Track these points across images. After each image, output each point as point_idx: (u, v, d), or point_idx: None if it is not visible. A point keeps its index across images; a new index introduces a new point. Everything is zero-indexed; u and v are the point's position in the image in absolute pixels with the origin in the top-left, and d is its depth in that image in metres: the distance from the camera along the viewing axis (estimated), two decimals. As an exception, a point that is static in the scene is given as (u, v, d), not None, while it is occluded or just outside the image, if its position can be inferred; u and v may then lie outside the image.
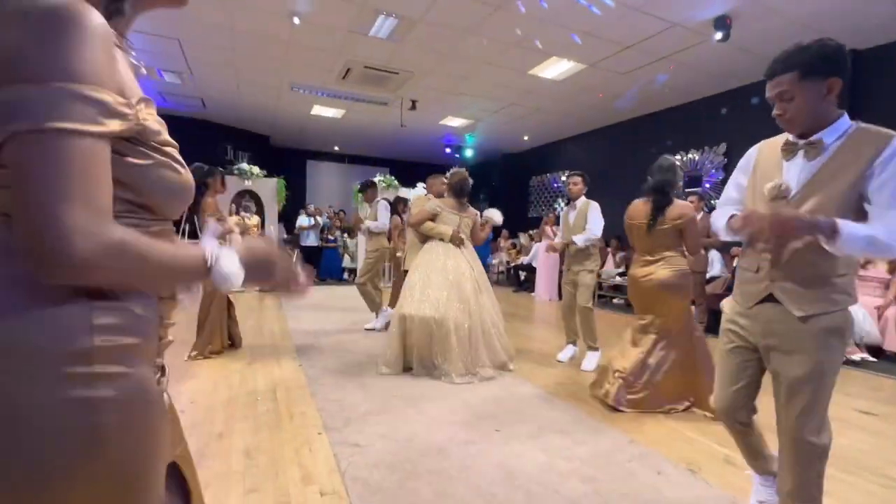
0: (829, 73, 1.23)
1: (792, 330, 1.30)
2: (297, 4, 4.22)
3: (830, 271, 1.27)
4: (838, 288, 1.27)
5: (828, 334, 1.26)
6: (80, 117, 0.49)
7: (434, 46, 5.10)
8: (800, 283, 1.29)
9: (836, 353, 1.29)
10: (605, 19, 4.33)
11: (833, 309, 1.26)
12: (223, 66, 5.84)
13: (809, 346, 1.28)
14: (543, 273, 7.46)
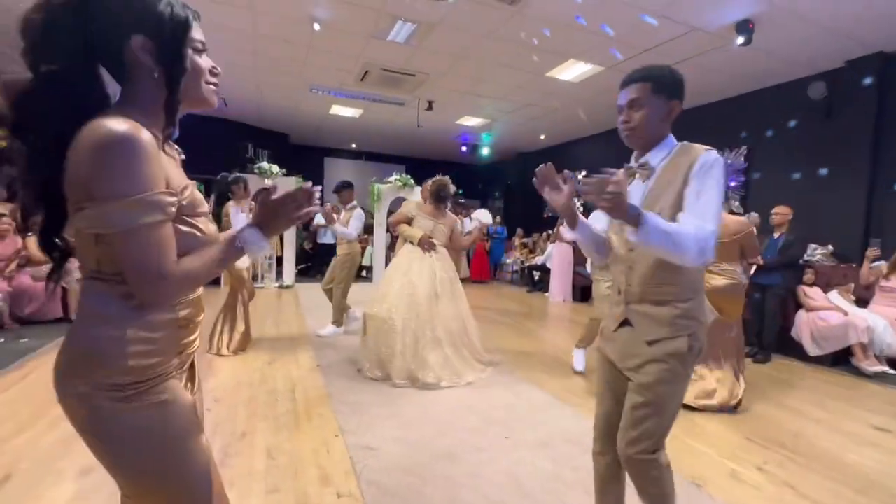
0: (674, 95, 1.30)
1: (640, 354, 1.29)
2: (318, 11, 4.31)
3: (676, 295, 1.27)
4: (684, 312, 1.26)
5: (670, 359, 1.25)
6: (146, 215, 0.74)
7: (451, 50, 5.14)
8: (650, 306, 1.29)
9: (677, 378, 1.27)
10: (624, 24, 4.30)
11: (678, 333, 1.25)
12: (245, 68, 5.98)
13: (652, 369, 1.27)
14: (557, 274, 7.46)
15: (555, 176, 1.35)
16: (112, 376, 0.77)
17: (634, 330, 1.32)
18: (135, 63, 0.79)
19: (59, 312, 4.53)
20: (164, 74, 0.80)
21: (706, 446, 2.43)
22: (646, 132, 1.31)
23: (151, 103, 0.81)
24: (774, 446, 2.47)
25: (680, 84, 1.31)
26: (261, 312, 5.38)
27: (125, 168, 0.71)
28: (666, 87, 1.29)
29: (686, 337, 1.25)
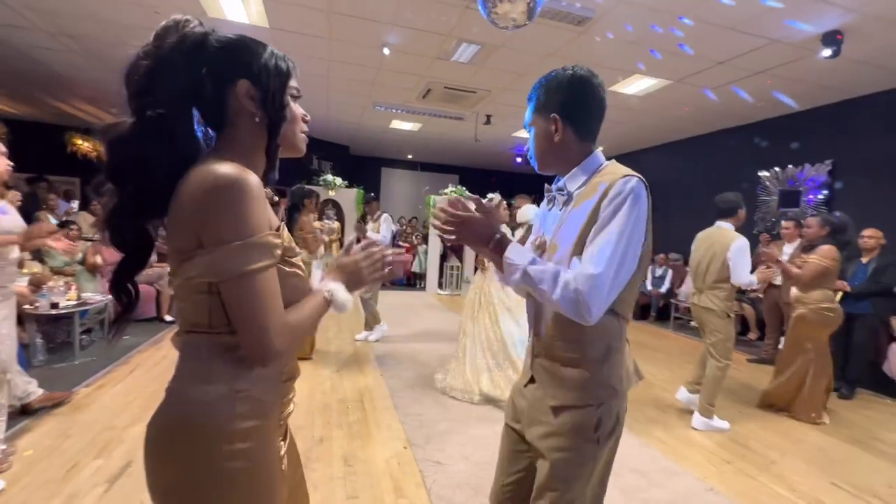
0: (554, 108, 1.05)
1: (545, 422, 1.07)
2: (389, 38, 4.55)
3: (584, 352, 1.03)
4: (594, 376, 1.02)
5: (575, 436, 1.02)
6: (259, 259, 0.72)
7: (513, 69, 5.22)
8: (558, 363, 1.06)
9: (585, 460, 1.03)
10: (694, 39, 4.18)
11: (586, 402, 1.02)
12: (318, 88, 6.40)
13: (557, 443, 1.04)
14: (615, 290, 7.28)
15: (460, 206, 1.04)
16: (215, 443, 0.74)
17: (539, 389, 1.10)
18: (237, 108, 0.80)
19: (153, 312, 5.08)
20: (266, 120, 0.81)
21: (783, 488, 2.33)
22: (539, 157, 1.12)
23: (251, 148, 0.82)
24: (864, 494, 2.32)
25: (564, 92, 1.06)
26: (326, 322, 5.71)
27: (236, 212, 0.70)
28: (543, 103, 1.08)
29: (595, 408, 1.02)
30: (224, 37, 0.82)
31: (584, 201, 1.02)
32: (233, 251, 0.70)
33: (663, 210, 8.42)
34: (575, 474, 1.03)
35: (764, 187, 6.43)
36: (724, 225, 3.11)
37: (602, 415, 1.03)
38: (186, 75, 0.76)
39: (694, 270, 3.19)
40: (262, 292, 0.72)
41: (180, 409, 0.76)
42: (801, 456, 2.70)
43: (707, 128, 7.18)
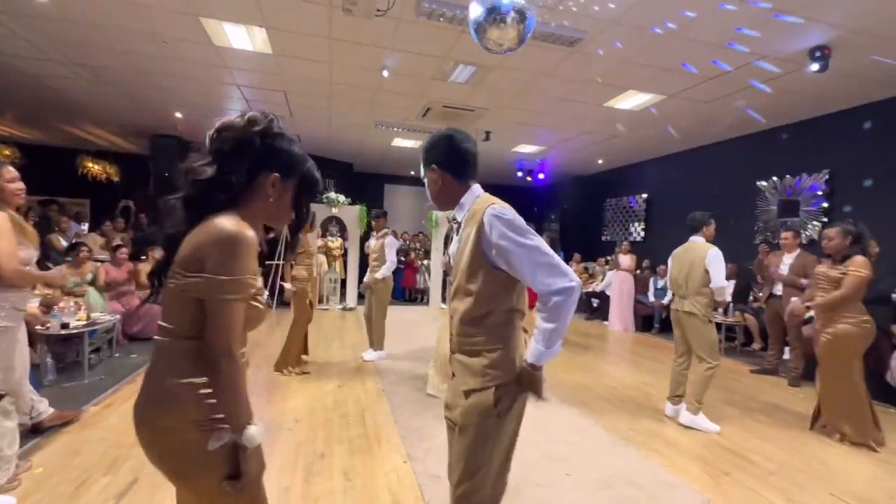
0: (435, 162, 1.40)
1: (459, 404, 1.31)
2: (387, 61, 4.72)
3: (483, 344, 1.29)
4: (492, 362, 1.27)
5: (482, 411, 1.26)
6: (235, 293, 0.98)
7: (509, 88, 5.36)
8: (465, 355, 1.33)
9: (492, 432, 1.27)
10: (687, 55, 4.30)
11: (488, 384, 1.27)
12: (320, 110, 6.58)
13: (468, 422, 1.28)
14: (617, 302, 7.30)
15: None
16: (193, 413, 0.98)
17: (456, 379, 1.36)
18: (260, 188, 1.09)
19: (160, 331, 5.16)
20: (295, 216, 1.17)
21: (785, 501, 2.33)
22: (435, 199, 1.45)
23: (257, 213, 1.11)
24: (863, 505, 2.32)
25: (437, 149, 1.41)
26: (326, 334, 5.78)
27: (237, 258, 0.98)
28: (426, 160, 1.42)
29: (493, 389, 1.26)
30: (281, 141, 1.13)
31: (466, 229, 1.33)
32: (220, 282, 0.97)
33: (663, 222, 8.49)
34: (482, 445, 1.27)
35: (763, 197, 6.49)
36: (697, 239, 3.37)
37: (501, 395, 1.27)
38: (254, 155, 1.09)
39: (674, 281, 3.39)
40: (230, 315, 0.99)
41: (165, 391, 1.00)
42: (801, 467, 2.70)
43: (704, 140, 7.27)
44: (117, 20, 4.06)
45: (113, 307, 4.80)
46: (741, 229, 6.60)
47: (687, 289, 3.27)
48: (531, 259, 1.22)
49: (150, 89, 5.87)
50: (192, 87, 5.82)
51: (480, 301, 1.29)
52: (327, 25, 3.99)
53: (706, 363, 3.19)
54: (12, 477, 2.16)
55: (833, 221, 5.51)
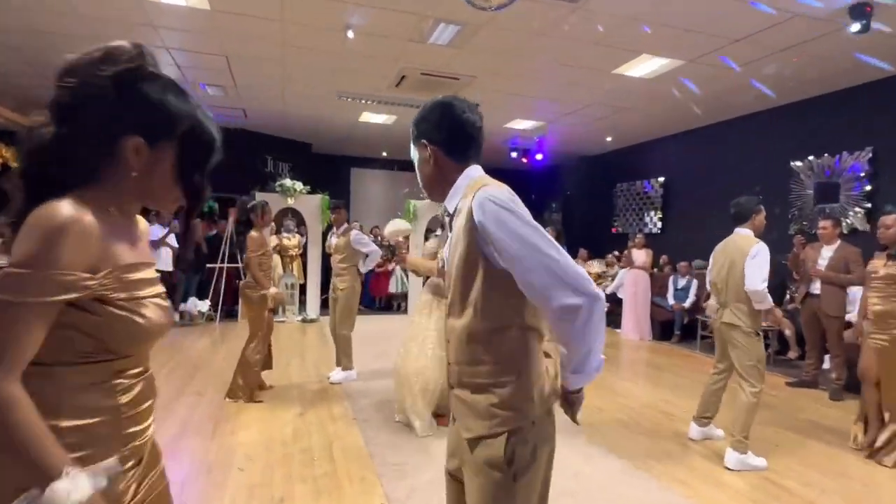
0: (427, 137, 1.29)
1: (464, 456, 1.20)
2: (352, 19, 4.68)
3: (489, 375, 1.15)
4: (503, 400, 1.13)
5: (490, 468, 1.12)
6: (23, 292, 0.77)
7: (500, 50, 5.38)
8: (467, 390, 1.18)
9: (499, 495, 1.12)
10: (708, 12, 4.38)
11: (496, 431, 1.12)
12: (270, 78, 6.50)
13: (472, 480, 1.16)
14: (631, 305, 7.42)
15: None
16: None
17: (456, 422, 1.23)
18: (123, 160, 0.90)
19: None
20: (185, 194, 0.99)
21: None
22: (425, 184, 1.35)
23: (125, 192, 0.94)
24: None
25: (430, 121, 1.30)
26: (285, 351, 5.72)
27: (43, 245, 0.79)
28: (416, 134, 1.33)
29: (507, 437, 1.12)
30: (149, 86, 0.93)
31: (459, 218, 1.21)
32: (7, 275, 0.80)
33: (682, 210, 8.66)
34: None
35: (797, 180, 6.67)
36: (743, 232, 3.30)
37: (516, 445, 1.12)
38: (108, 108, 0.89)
39: (714, 284, 3.35)
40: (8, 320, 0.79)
41: None
42: (845, 493, 2.80)
43: (729, 114, 7.43)
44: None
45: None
46: (773, 218, 6.73)
47: (727, 295, 3.19)
48: (541, 258, 1.07)
49: (56, 54, 5.65)
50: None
51: (482, 315, 1.15)
52: (278, -25, 3.94)
53: (749, 386, 3.07)
54: None
55: (879, 207, 5.74)
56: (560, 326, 1.09)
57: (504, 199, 1.12)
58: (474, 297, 1.16)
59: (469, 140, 1.30)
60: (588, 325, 1.07)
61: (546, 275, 1.06)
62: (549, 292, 1.05)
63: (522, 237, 1.08)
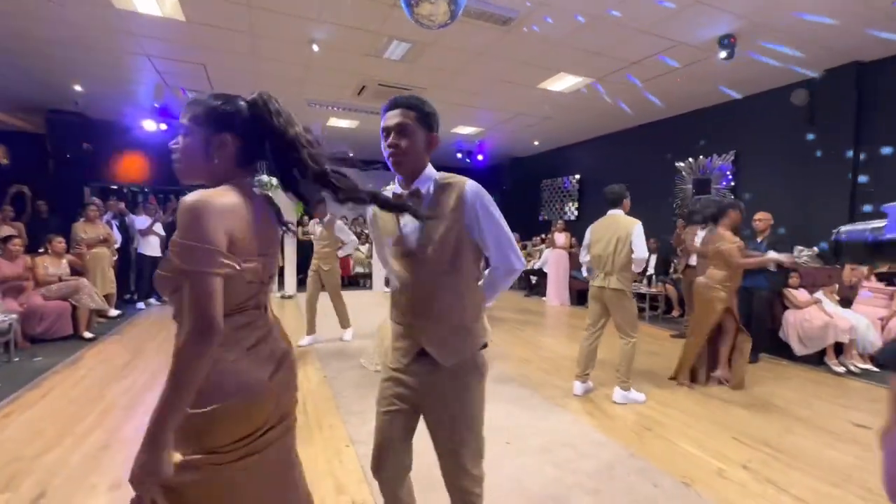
0: (433, 129, 1.33)
1: (442, 379, 1.32)
2: (316, 33, 4.45)
3: (467, 319, 1.34)
4: (474, 332, 1.35)
5: (471, 376, 1.34)
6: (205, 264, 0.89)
7: (445, 66, 5.30)
8: (446, 334, 1.32)
9: (479, 391, 1.37)
10: (612, 40, 4.47)
11: (472, 351, 1.35)
12: (245, 84, 6.11)
13: (458, 391, 1.33)
14: (554, 278, 7.62)
15: None
16: None
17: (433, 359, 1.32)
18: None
19: (70, 330, 4.64)
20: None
21: (696, 447, 2.59)
22: (413, 159, 1.30)
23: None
24: (759, 445, 2.63)
25: (437, 119, 1.34)
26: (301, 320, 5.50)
27: (193, 224, 0.90)
28: (427, 120, 1.30)
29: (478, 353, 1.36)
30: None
31: (441, 207, 1.29)
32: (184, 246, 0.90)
33: (595, 201, 8.94)
34: (476, 405, 1.37)
35: (680, 177, 7.01)
36: (617, 212, 3.36)
37: (480, 359, 1.38)
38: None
39: (598, 258, 3.32)
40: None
41: None
42: (711, 418, 3.01)
43: (630, 122, 7.69)
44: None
45: (8, 306, 4.23)
46: (661, 206, 7.12)
47: (613, 265, 3.22)
48: (504, 234, 1.35)
49: (41, 59, 5.14)
50: (92, 57, 5.16)
51: (464, 272, 1.32)
52: (247, -9, 3.68)
53: (628, 338, 3.21)
54: None
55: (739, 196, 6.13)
56: (499, 276, 1.42)
57: (487, 193, 1.34)
58: (457, 261, 1.31)
59: None
60: (507, 280, 1.44)
61: (508, 245, 1.36)
62: (509, 256, 1.36)
63: (498, 219, 1.34)
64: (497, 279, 1.43)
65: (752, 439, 2.69)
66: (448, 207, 1.29)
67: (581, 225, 9.10)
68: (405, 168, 1.30)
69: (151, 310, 6.42)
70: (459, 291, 1.32)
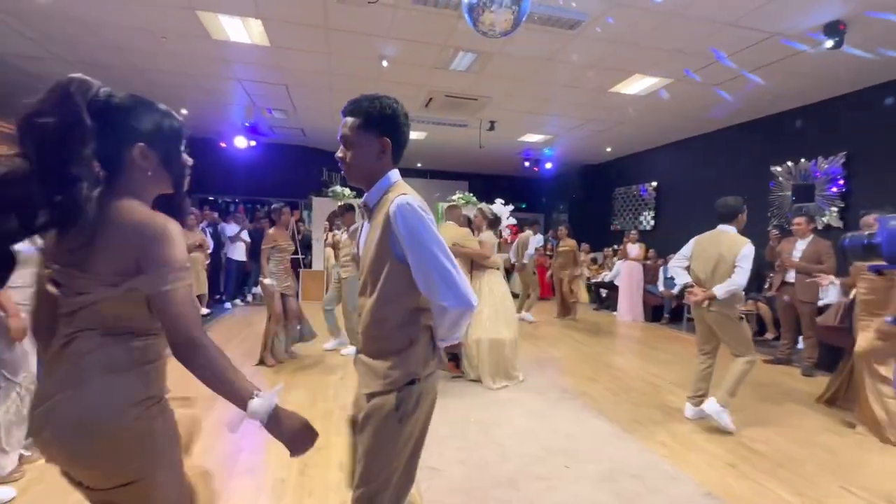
0: (385, 132, 1.21)
1: (363, 406, 1.22)
2: (386, 50, 4.65)
3: (387, 345, 1.20)
4: (395, 364, 1.19)
5: (383, 415, 1.17)
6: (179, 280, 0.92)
7: (511, 74, 5.25)
8: (369, 355, 1.23)
9: (393, 435, 1.18)
10: (693, 35, 4.14)
11: (389, 388, 1.18)
12: (322, 102, 6.55)
13: (367, 423, 1.19)
14: (626, 292, 7.18)
15: None
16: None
17: (360, 381, 1.28)
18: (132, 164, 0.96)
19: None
20: (168, 177, 1.03)
21: (792, 494, 2.26)
22: (360, 171, 1.24)
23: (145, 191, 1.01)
24: (878, 499, 2.23)
25: (392, 119, 1.23)
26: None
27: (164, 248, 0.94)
28: (374, 124, 1.21)
29: (396, 392, 1.18)
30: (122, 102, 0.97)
31: (377, 217, 1.21)
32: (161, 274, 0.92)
33: (674, 210, 8.30)
34: (382, 450, 1.20)
35: (776, 182, 6.28)
36: (728, 229, 3.03)
37: (403, 398, 1.19)
38: (93, 138, 0.89)
39: (696, 277, 3.06)
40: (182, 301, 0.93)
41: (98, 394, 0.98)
42: (813, 459, 2.62)
43: (716, 125, 7.06)
44: (115, 17, 4.07)
45: None
46: (753, 215, 6.37)
47: (712, 284, 2.93)
48: (432, 262, 1.14)
49: (152, 87, 5.89)
50: (193, 84, 5.84)
51: (386, 297, 1.19)
52: (323, 14, 3.94)
53: (744, 358, 2.92)
54: (16, 468, 2.20)
55: (852, 206, 5.34)
56: (437, 315, 1.21)
57: (417, 208, 1.15)
58: (381, 282, 1.19)
59: (404, 146, 1.28)
60: (459, 321, 1.20)
61: (437, 277, 1.14)
62: (436, 291, 1.14)
63: (426, 244, 1.14)
64: (436, 315, 1.21)
65: (866, 490, 2.29)
66: (379, 225, 1.19)
67: (658, 236, 8.51)
68: (354, 179, 1.27)
69: (237, 310, 7.04)
70: (383, 316, 1.20)
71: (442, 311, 1.18)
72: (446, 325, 1.21)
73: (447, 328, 1.22)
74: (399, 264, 1.18)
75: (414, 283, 1.18)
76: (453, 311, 1.16)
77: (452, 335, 1.25)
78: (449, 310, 1.16)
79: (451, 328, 1.22)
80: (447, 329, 1.23)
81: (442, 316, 1.20)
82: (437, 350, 1.28)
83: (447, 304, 1.15)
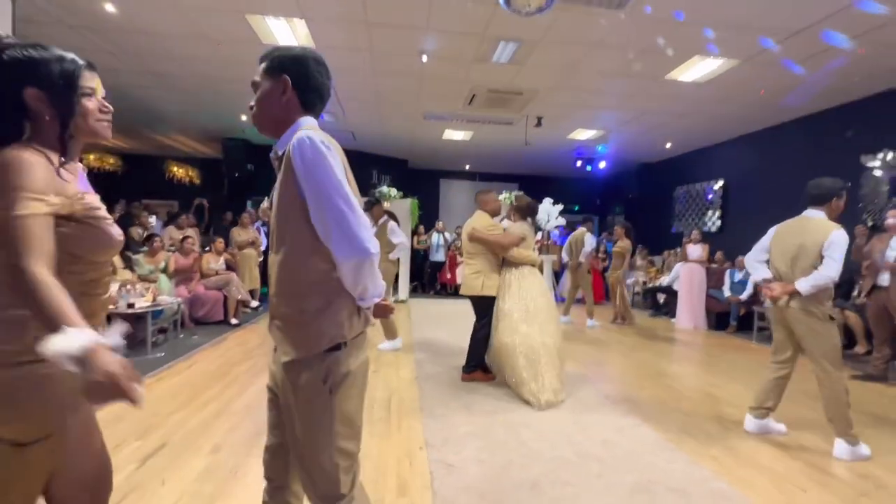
0: (284, 70, 1.12)
1: (287, 382, 1.09)
2: (424, 44, 4.63)
3: (306, 303, 1.06)
4: (315, 326, 1.06)
5: (309, 387, 1.06)
6: (28, 207, 0.86)
7: (556, 64, 5.04)
8: (283, 319, 1.10)
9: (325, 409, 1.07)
10: (760, 8, 3.72)
11: (311, 354, 1.06)
12: (367, 104, 6.69)
13: (294, 398, 1.07)
14: (686, 297, 6.59)
15: None
16: None
17: (277, 350, 1.14)
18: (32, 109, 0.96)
19: (221, 316, 5.53)
20: (55, 118, 0.97)
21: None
22: (264, 115, 1.16)
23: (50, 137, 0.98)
24: None
25: (297, 59, 1.14)
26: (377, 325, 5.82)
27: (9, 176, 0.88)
28: (278, 64, 1.13)
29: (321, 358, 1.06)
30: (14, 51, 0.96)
31: (286, 163, 1.07)
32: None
33: (742, 209, 7.56)
34: (315, 425, 1.07)
35: (869, 175, 5.49)
36: (817, 214, 2.58)
37: (330, 365, 1.07)
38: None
39: (778, 271, 2.62)
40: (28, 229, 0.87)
41: None
42: (907, 490, 2.17)
43: (791, 114, 6.34)
44: (176, 27, 4.39)
45: (179, 292, 5.21)
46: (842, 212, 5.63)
47: (794, 279, 2.50)
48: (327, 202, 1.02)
49: (212, 93, 6.32)
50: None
51: (295, 250, 1.07)
52: (362, 7, 3.99)
53: (830, 373, 2.45)
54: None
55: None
56: (340, 268, 1.06)
57: (318, 143, 1.03)
58: (290, 232, 1.08)
59: (322, 93, 1.19)
60: (359, 272, 1.06)
61: (333, 224, 1.02)
62: (331, 239, 1.03)
63: (320, 182, 1.02)
64: (340, 268, 1.06)
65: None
66: (288, 164, 1.06)
67: (724, 238, 7.78)
68: (263, 128, 1.18)
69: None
70: (293, 267, 1.08)
71: (344, 260, 1.04)
72: (349, 281, 1.07)
73: (350, 284, 1.07)
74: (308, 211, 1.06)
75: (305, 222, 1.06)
76: (348, 261, 1.03)
77: (362, 293, 1.10)
78: (342, 261, 1.04)
79: (354, 283, 1.07)
80: (351, 285, 1.08)
81: (340, 269, 1.06)
82: (361, 310, 1.14)
83: (339, 253, 1.03)
